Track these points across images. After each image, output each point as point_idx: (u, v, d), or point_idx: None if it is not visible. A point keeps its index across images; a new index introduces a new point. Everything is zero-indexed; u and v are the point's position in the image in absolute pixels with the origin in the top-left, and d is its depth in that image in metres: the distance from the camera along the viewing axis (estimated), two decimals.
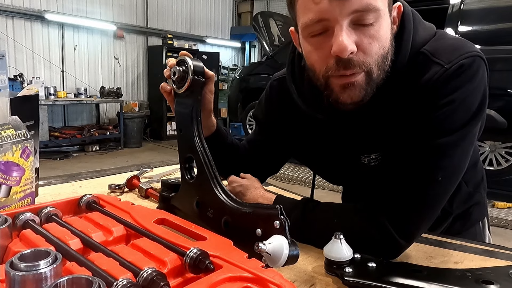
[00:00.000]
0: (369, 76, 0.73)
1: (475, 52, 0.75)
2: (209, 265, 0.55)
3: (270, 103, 1.06)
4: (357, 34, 0.70)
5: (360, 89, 0.74)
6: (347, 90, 0.74)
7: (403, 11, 0.79)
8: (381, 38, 0.72)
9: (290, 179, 5.14)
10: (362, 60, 0.71)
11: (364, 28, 0.70)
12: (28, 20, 6.81)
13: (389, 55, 0.75)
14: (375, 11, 0.69)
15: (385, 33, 0.72)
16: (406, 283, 0.62)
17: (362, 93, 0.74)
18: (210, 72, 0.88)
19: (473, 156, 1.00)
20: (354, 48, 0.69)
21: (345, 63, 0.71)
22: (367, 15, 0.69)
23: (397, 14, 0.77)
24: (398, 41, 0.77)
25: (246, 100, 6.43)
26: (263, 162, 1.10)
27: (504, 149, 4.34)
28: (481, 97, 0.75)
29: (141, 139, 8.09)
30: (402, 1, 0.80)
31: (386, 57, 0.74)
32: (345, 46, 0.68)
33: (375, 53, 0.72)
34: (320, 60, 0.75)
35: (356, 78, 0.73)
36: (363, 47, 0.71)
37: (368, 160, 0.89)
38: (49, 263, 0.45)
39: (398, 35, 0.78)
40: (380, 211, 0.75)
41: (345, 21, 0.69)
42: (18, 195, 0.83)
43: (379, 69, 0.74)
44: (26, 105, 0.94)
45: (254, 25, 6.63)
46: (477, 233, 1.08)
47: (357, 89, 0.74)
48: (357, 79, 0.73)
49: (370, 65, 0.72)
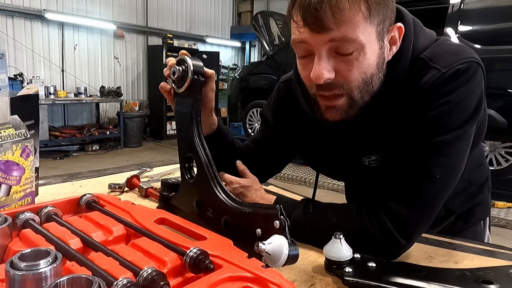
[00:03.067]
0: (351, 99, 0.77)
1: (472, 58, 0.77)
2: (209, 265, 0.55)
3: (277, 104, 1.08)
4: (336, 61, 0.74)
5: (341, 112, 0.79)
6: (330, 111, 0.80)
7: (404, 20, 0.80)
8: (361, 65, 0.74)
9: (291, 179, 5.13)
10: (341, 83, 0.75)
11: (344, 57, 0.73)
12: (28, 19, 6.81)
13: (376, 77, 0.77)
14: (353, 41, 0.71)
15: (368, 60, 0.74)
16: (406, 283, 0.62)
17: (343, 115, 0.79)
18: (210, 70, 0.88)
19: (479, 157, 1.01)
20: (330, 75, 0.73)
21: (323, 86, 0.76)
22: (345, 46, 0.71)
23: (398, 34, 0.78)
24: (399, 50, 0.79)
25: (246, 100, 6.43)
26: (268, 161, 1.11)
27: (504, 149, 4.34)
28: (477, 101, 0.77)
29: (141, 138, 8.09)
30: (403, 11, 0.82)
31: (369, 81, 0.76)
32: (320, 75, 0.73)
33: (354, 79, 0.75)
34: (307, 79, 0.80)
35: (338, 102, 0.77)
36: (342, 74, 0.74)
37: (369, 161, 0.90)
38: (49, 262, 0.45)
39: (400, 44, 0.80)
40: (380, 211, 0.76)
41: (324, 50, 0.72)
42: (18, 195, 0.83)
43: (361, 92, 0.77)
44: (26, 104, 0.94)
45: (254, 24, 6.63)
46: (478, 232, 1.09)
47: (338, 112, 0.79)
48: (338, 103, 0.77)
49: (350, 89, 0.76)
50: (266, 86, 5.97)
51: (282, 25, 6.51)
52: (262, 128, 1.14)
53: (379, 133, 0.85)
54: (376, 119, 0.83)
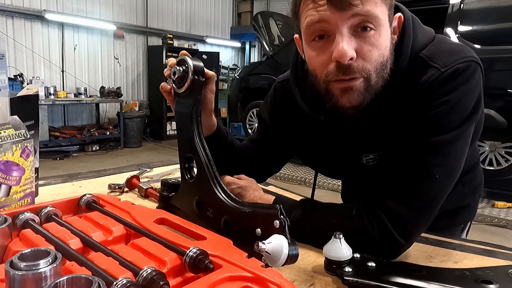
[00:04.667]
0: (368, 82, 0.75)
1: (471, 57, 0.77)
2: (208, 265, 0.55)
3: (274, 105, 1.08)
4: (357, 41, 0.73)
5: (358, 94, 0.76)
6: (346, 94, 0.77)
7: (403, 18, 0.80)
8: (380, 46, 0.74)
9: (290, 179, 5.13)
10: (361, 66, 0.74)
11: (364, 35, 0.72)
12: (28, 20, 6.81)
13: (389, 63, 0.77)
14: (374, 18, 0.71)
15: (384, 42, 0.74)
16: (406, 282, 0.62)
17: (360, 97, 0.77)
18: (211, 72, 0.88)
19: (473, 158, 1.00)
20: (354, 54, 0.72)
21: (345, 68, 0.73)
22: (367, 22, 0.71)
23: (397, 24, 0.79)
24: (398, 46, 0.79)
25: (246, 100, 6.43)
26: (266, 161, 1.11)
27: (504, 149, 4.34)
28: (475, 100, 0.77)
29: (141, 139, 8.09)
30: (402, 7, 0.82)
31: (385, 65, 0.76)
32: (345, 52, 0.71)
33: (374, 60, 0.74)
34: (321, 65, 0.77)
35: (355, 83, 0.75)
36: (363, 54, 0.73)
37: (367, 159, 0.90)
38: (49, 262, 0.45)
39: (399, 40, 0.80)
40: (379, 211, 0.76)
41: (346, 28, 0.71)
42: (18, 195, 0.83)
43: (378, 76, 0.76)
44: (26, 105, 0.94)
45: (254, 25, 6.63)
46: (456, 234, 1.10)
47: (355, 94, 0.76)
48: (355, 84, 0.75)
49: (369, 71, 0.74)
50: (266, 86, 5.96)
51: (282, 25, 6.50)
52: (259, 129, 1.14)
53: (378, 131, 0.85)
54: (375, 116, 0.83)
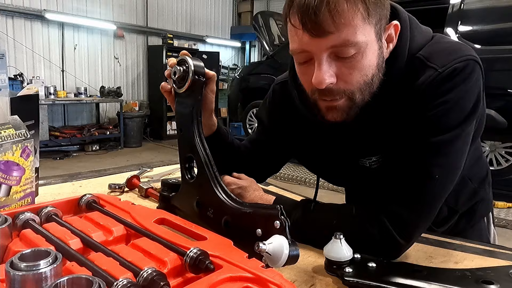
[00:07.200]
0: (352, 100, 0.76)
1: (470, 56, 0.76)
2: (209, 265, 0.55)
3: (273, 106, 1.08)
4: (337, 65, 0.73)
5: (342, 112, 0.78)
6: (330, 112, 0.79)
7: (400, 18, 0.79)
8: (362, 67, 0.73)
9: (291, 179, 5.13)
10: (342, 88, 0.75)
11: (344, 60, 0.72)
12: (28, 19, 6.81)
13: (376, 78, 0.77)
14: (353, 45, 0.70)
15: (368, 62, 0.74)
16: (406, 283, 0.62)
17: (344, 115, 0.79)
18: (211, 72, 0.88)
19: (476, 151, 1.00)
20: (332, 80, 0.73)
21: (325, 91, 0.75)
22: (346, 50, 0.71)
23: (394, 32, 0.78)
24: (395, 48, 0.79)
25: (246, 100, 6.43)
26: (265, 161, 1.11)
27: (504, 149, 4.34)
28: (475, 99, 0.76)
29: (141, 138, 8.09)
30: (399, 8, 0.81)
31: (371, 82, 0.76)
32: (322, 80, 0.72)
33: (356, 82, 0.74)
34: (306, 85, 0.80)
35: (338, 102, 0.77)
36: (343, 78, 0.74)
37: (369, 162, 0.90)
38: (49, 263, 0.45)
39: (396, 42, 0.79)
40: (379, 211, 0.76)
41: (324, 55, 0.72)
42: (18, 195, 0.83)
43: (363, 94, 0.77)
44: (26, 104, 0.94)
45: (254, 24, 6.63)
46: (483, 228, 1.08)
47: (339, 112, 0.78)
48: (338, 103, 0.77)
49: (351, 92, 0.75)
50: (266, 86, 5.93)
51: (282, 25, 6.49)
52: (258, 129, 1.14)
53: (379, 134, 0.85)
54: (375, 119, 0.83)
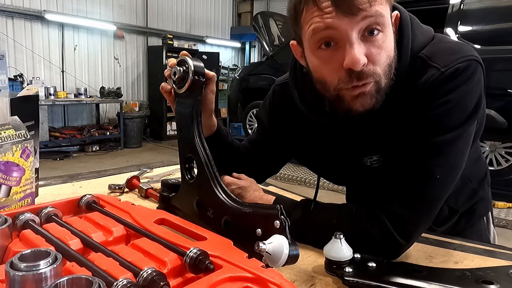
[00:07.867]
0: (378, 85, 0.75)
1: (472, 56, 0.76)
2: (209, 265, 0.55)
3: (273, 107, 1.07)
4: (366, 45, 0.72)
5: (371, 97, 0.76)
6: (359, 99, 0.76)
7: (401, 17, 0.80)
8: (387, 47, 0.74)
9: (290, 179, 5.13)
10: (372, 70, 0.73)
11: (372, 39, 0.72)
12: (28, 20, 6.81)
13: (393, 63, 0.77)
14: (382, 19, 0.71)
15: (390, 43, 0.74)
16: (406, 283, 0.62)
17: (373, 100, 0.76)
18: (211, 72, 0.88)
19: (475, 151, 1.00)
20: (366, 60, 0.71)
21: (358, 74, 0.72)
22: (375, 25, 0.71)
23: (394, 22, 0.78)
24: (398, 47, 0.79)
25: (246, 100, 6.43)
26: (265, 162, 1.11)
27: (504, 149, 4.34)
28: (476, 99, 0.76)
29: (141, 139, 8.09)
30: (399, 7, 0.81)
31: (391, 65, 0.76)
32: (358, 60, 0.70)
33: (383, 63, 0.74)
34: (330, 73, 0.76)
35: (367, 88, 0.75)
36: (373, 58, 0.73)
37: (371, 161, 0.90)
38: (49, 263, 0.45)
39: (398, 41, 0.80)
40: (380, 211, 0.76)
41: (355, 34, 0.70)
42: (18, 195, 0.83)
43: (386, 78, 0.76)
44: (26, 105, 0.94)
45: (254, 25, 6.63)
46: (482, 228, 1.09)
47: (368, 98, 0.75)
48: (368, 89, 0.75)
49: (379, 74, 0.74)
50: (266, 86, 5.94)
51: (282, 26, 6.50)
52: (258, 130, 1.14)
53: (381, 132, 0.84)
54: (376, 118, 0.82)
